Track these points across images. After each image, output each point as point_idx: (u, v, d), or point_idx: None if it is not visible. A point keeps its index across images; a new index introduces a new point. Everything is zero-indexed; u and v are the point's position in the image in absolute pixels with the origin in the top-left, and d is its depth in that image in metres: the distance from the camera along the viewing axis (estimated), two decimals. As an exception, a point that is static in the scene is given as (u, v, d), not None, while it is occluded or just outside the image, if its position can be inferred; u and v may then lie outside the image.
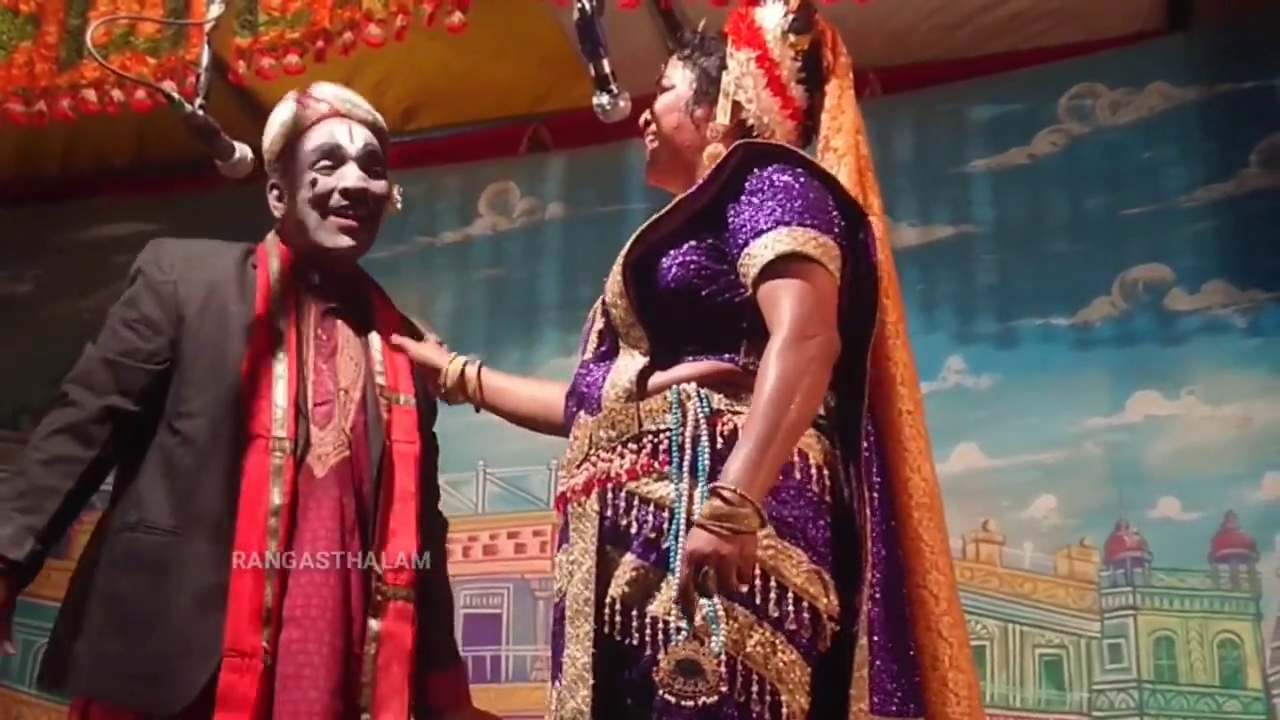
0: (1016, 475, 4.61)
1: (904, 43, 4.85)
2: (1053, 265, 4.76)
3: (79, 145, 5.80)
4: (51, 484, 2.64)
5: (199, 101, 2.84)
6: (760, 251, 2.29)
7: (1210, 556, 4.36)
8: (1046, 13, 4.76)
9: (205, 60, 2.96)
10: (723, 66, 2.59)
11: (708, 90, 2.60)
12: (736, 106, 2.55)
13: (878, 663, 2.26)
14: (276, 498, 2.62)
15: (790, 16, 2.58)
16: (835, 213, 2.38)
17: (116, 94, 4.11)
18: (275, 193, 2.93)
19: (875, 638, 2.26)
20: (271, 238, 2.93)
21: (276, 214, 2.93)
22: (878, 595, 2.28)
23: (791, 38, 2.57)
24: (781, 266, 2.28)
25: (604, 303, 2.49)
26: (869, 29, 4.53)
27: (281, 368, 2.72)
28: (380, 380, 2.82)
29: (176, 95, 2.87)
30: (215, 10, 2.99)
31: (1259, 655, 4.25)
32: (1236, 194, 4.58)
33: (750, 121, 2.56)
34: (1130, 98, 4.79)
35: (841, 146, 2.54)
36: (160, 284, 2.80)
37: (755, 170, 2.39)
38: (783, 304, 2.25)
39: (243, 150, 2.90)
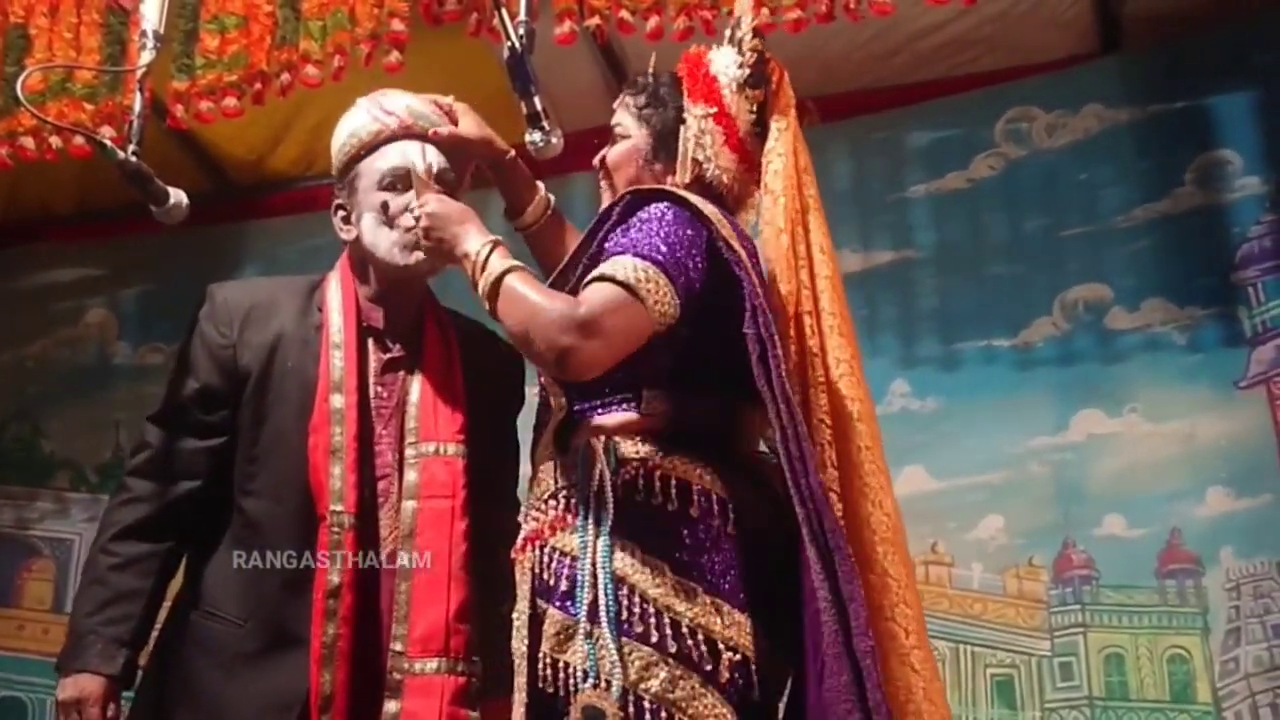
0: (963, 497, 4.64)
1: (839, 71, 4.87)
2: (993, 287, 4.79)
3: (20, 192, 5.76)
4: (131, 588, 2.63)
5: (132, 148, 2.83)
6: (595, 271, 2.34)
7: (1157, 573, 4.39)
8: (979, 39, 4.80)
9: (138, 106, 2.96)
10: (679, 119, 2.59)
11: (665, 143, 2.61)
12: (696, 164, 2.57)
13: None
14: (334, 577, 2.54)
15: (746, 70, 2.58)
16: (695, 250, 2.38)
17: (55, 141, 4.10)
18: (341, 214, 2.82)
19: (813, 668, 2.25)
20: (338, 271, 2.83)
21: (344, 236, 2.82)
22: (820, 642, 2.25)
23: (748, 91, 2.58)
24: (599, 280, 2.32)
25: None
26: (803, 58, 4.50)
27: (340, 439, 2.61)
28: (412, 436, 2.69)
29: (108, 142, 2.86)
30: (147, 57, 2.98)
31: (1208, 669, 4.27)
32: (1172, 213, 4.62)
33: (709, 178, 2.57)
34: (1065, 120, 4.83)
35: (778, 188, 2.53)
36: (219, 349, 2.72)
37: (636, 211, 2.43)
38: (587, 295, 2.30)
39: (177, 195, 2.88)
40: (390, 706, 2.53)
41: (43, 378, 5.91)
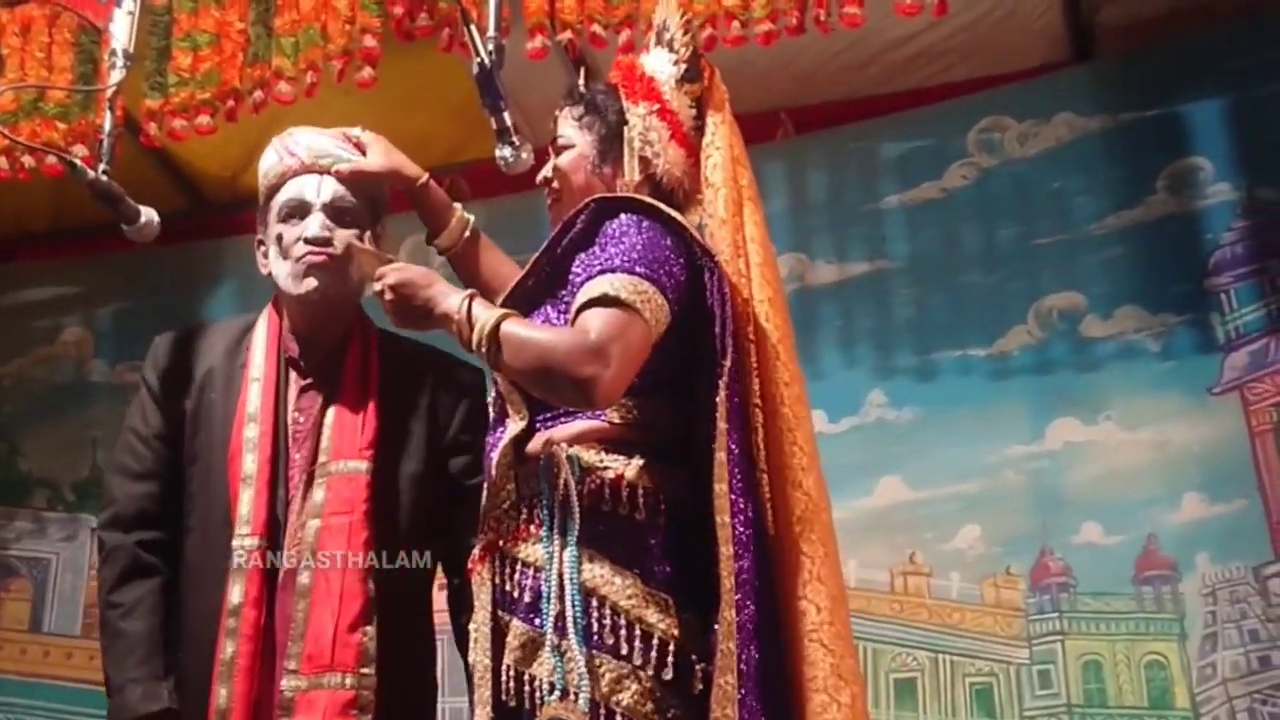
0: (940, 506, 4.64)
1: (812, 82, 4.89)
2: (968, 297, 4.81)
3: (-6, 211, 5.76)
4: (145, 627, 2.65)
5: (102, 166, 2.84)
6: (585, 291, 2.32)
7: (1134, 579, 4.40)
8: (951, 49, 4.82)
9: (108, 125, 2.96)
10: (622, 121, 2.60)
11: (611, 146, 2.61)
12: (644, 162, 2.57)
13: (744, 690, 2.24)
14: (235, 597, 2.58)
15: (683, 66, 2.61)
16: (675, 259, 2.38)
17: (28, 160, 4.09)
18: (261, 249, 2.88)
19: (744, 667, 2.24)
20: (268, 305, 2.89)
21: (262, 271, 2.87)
22: (750, 627, 2.26)
23: (686, 86, 2.61)
24: (598, 304, 2.29)
25: None
26: (777, 70, 4.58)
27: (251, 466, 2.67)
28: (324, 456, 2.71)
29: (78, 162, 2.87)
30: (116, 75, 2.99)
31: (1185, 675, 4.29)
32: (1145, 220, 4.64)
33: (659, 174, 2.58)
34: (1038, 129, 4.85)
35: (718, 180, 2.55)
36: (157, 395, 2.81)
37: (605, 221, 2.41)
38: (592, 322, 2.27)
39: (148, 214, 2.89)
40: None
41: (19, 396, 5.88)
